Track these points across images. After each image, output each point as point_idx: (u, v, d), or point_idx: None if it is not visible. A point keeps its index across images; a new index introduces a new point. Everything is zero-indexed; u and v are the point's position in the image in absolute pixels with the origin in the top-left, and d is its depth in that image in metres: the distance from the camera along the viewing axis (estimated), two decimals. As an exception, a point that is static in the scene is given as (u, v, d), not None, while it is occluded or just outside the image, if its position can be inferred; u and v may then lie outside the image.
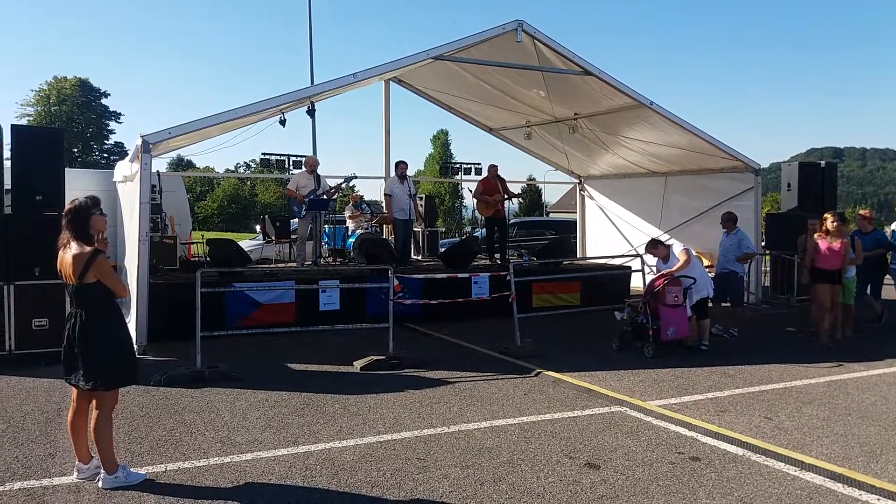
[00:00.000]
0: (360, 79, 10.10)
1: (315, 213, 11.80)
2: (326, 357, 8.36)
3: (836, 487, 4.64)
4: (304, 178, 11.84)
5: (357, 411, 6.25)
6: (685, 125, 12.13)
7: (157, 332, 8.68)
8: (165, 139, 9.02)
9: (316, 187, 11.75)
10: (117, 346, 4.64)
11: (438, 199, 44.97)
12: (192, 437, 5.52)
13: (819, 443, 5.47)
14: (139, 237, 8.65)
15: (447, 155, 54.87)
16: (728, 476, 4.80)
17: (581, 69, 11.32)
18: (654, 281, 8.67)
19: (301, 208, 11.68)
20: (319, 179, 11.94)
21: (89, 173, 16.01)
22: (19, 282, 7.86)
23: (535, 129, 14.86)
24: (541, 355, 8.40)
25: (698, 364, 8.10)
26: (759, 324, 10.93)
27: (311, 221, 11.89)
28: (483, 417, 6.09)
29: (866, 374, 7.68)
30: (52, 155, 8.30)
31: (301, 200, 11.59)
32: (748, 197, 13.08)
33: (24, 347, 7.88)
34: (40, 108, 61.43)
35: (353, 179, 12.76)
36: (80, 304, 4.55)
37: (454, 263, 11.90)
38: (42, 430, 5.71)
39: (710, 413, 6.23)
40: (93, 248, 4.51)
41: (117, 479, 4.55)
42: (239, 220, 64.62)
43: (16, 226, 7.94)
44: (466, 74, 13.05)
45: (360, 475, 4.78)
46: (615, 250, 15.00)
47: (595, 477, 4.77)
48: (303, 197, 11.58)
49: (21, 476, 4.73)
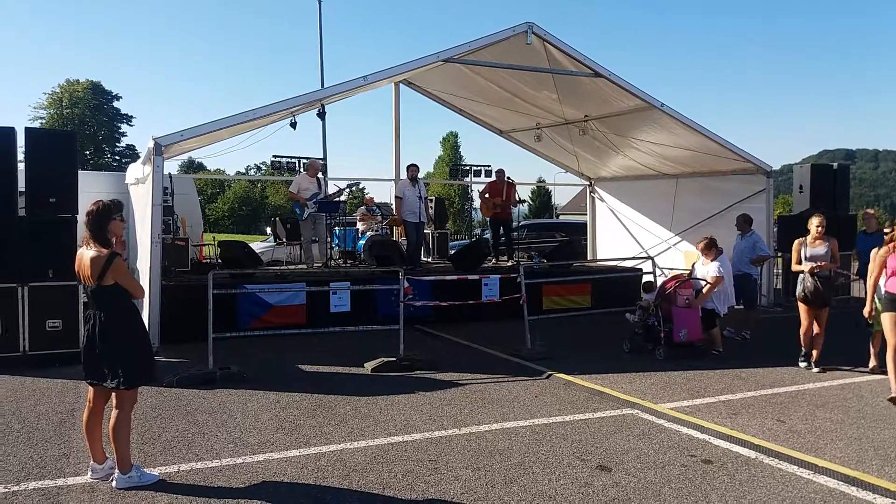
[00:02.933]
0: (370, 81, 10.12)
1: (317, 216, 11.90)
2: (337, 359, 8.38)
3: (850, 491, 4.60)
4: (305, 181, 11.96)
5: (368, 413, 6.26)
6: (696, 127, 12.08)
7: (169, 333, 8.73)
8: (177, 141, 9.08)
9: (318, 191, 11.85)
10: (138, 345, 4.70)
11: (448, 201, 44.95)
12: (205, 438, 5.55)
13: (832, 446, 5.43)
14: (151, 239, 8.71)
15: (457, 157, 54.85)
16: (740, 479, 4.77)
17: (591, 71, 11.30)
18: (666, 283, 8.64)
19: (303, 211, 11.77)
20: (321, 183, 12.04)
21: (102, 176, 16.13)
22: (33, 283, 7.93)
23: (546, 132, 14.84)
24: (551, 357, 8.39)
25: (710, 366, 8.06)
26: (772, 326, 10.86)
27: (314, 224, 11.98)
28: (494, 419, 6.09)
29: (880, 378, 7.61)
30: (65, 158, 8.36)
31: (303, 203, 11.68)
32: (760, 199, 13.00)
33: (38, 348, 7.94)
34: (53, 110, 61.89)
35: (354, 187, 12.93)
36: (98, 305, 4.60)
37: (464, 265, 11.91)
38: (56, 430, 5.75)
39: (723, 416, 6.20)
40: (110, 250, 4.55)
41: (131, 479, 4.58)
42: (250, 223, 64.94)
43: (30, 228, 8.01)
44: (476, 77, 13.06)
45: (372, 476, 4.79)
46: (626, 252, 14.94)
47: (607, 479, 4.76)
48: (304, 200, 11.67)
49: (36, 476, 4.76)
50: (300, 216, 11.94)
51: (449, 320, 10.63)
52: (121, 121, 67.24)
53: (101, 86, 64.85)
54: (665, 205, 14.93)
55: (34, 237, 7.96)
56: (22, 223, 8.05)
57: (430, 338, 9.99)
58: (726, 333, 9.45)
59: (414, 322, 10.09)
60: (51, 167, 8.17)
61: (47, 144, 8.45)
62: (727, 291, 8.85)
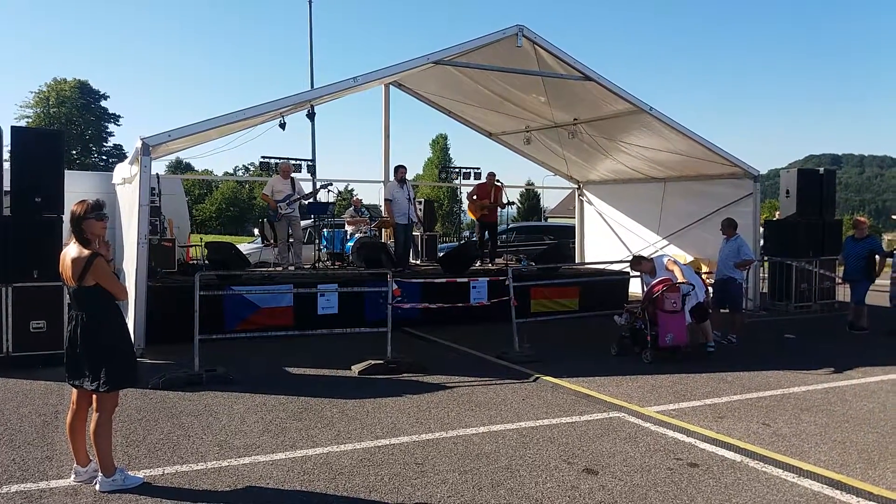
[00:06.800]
0: (360, 83, 10.11)
1: (292, 217, 12.04)
2: (324, 361, 8.35)
3: (834, 494, 4.63)
4: (279, 183, 12.07)
5: (355, 416, 6.24)
6: (684, 131, 12.16)
7: (155, 334, 8.68)
8: (165, 142, 9.03)
9: (292, 192, 11.97)
10: (120, 347, 4.65)
11: (437, 203, 44.93)
12: (190, 441, 5.51)
13: (817, 449, 5.47)
14: (138, 239, 8.65)
15: (446, 159, 54.83)
16: (726, 482, 4.79)
17: (581, 74, 11.35)
18: (653, 287, 8.67)
19: (275, 213, 11.93)
20: (295, 184, 12.11)
21: (88, 175, 15.98)
22: (17, 283, 7.86)
23: (535, 134, 14.89)
24: (539, 360, 8.39)
25: (696, 370, 8.10)
26: (758, 330, 10.93)
27: (289, 224, 12.08)
28: (481, 422, 6.09)
29: (864, 381, 7.68)
30: (51, 157, 8.29)
31: (273, 206, 11.87)
32: (747, 203, 13.10)
33: (22, 350, 7.86)
34: (40, 109, 61.31)
35: (328, 186, 12.98)
36: (80, 306, 4.55)
37: (453, 268, 11.91)
38: (39, 432, 5.69)
39: (709, 419, 6.23)
40: (91, 251, 4.51)
41: (115, 482, 4.54)
42: (237, 224, 64.58)
43: (15, 227, 7.93)
44: (466, 79, 13.08)
45: (358, 480, 4.78)
46: (614, 256, 15.02)
47: (593, 483, 4.76)
48: (275, 202, 11.82)
49: (18, 479, 4.71)
50: (273, 217, 12.09)
51: (437, 323, 10.63)
52: (108, 120, 66.69)
53: (89, 85, 64.32)
54: (653, 208, 15.01)
55: (19, 237, 7.89)
56: (7, 223, 7.97)
57: (417, 340, 9.98)
58: (713, 337, 9.48)
59: (402, 324, 10.08)
60: (37, 166, 8.10)
61: (33, 143, 8.37)
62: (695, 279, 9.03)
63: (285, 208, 11.87)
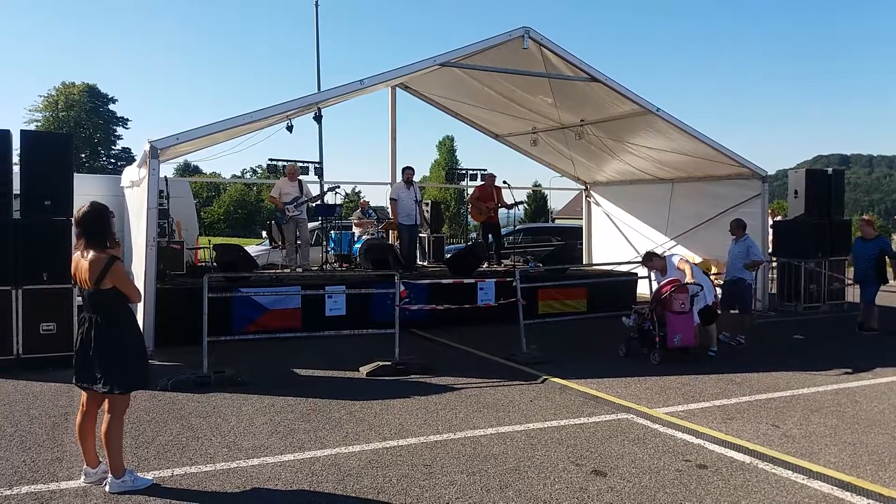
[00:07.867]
0: (366, 85, 10.13)
1: (300, 219, 12.08)
2: (332, 362, 8.36)
3: (845, 496, 4.61)
4: (286, 185, 12.12)
5: (363, 417, 6.25)
6: (692, 132, 12.11)
7: (164, 336, 8.72)
8: (173, 145, 9.07)
9: (299, 195, 12.01)
10: (133, 349, 4.68)
11: (444, 205, 44.93)
12: (199, 443, 5.53)
13: (827, 451, 5.44)
14: (147, 242, 8.70)
15: (453, 161, 54.78)
16: (735, 484, 4.78)
17: (588, 76, 11.33)
18: (662, 288, 8.65)
19: (283, 215, 11.96)
20: (302, 186, 12.14)
21: (97, 178, 16.10)
22: (28, 286, 7.91)
23: (542, 136, 14.87)
24: (547, 362, 8.38)
25: (705, 371, 8.07)
26: (767, 331, 10.89)
27: (297, 226, 12.12)
28: (489, 424, 6.09)
29: (875, 383, 7.64)
30: (60, 160, 8.33)
31: (280, 208, 11.91)
32: (755, 204, 13.04)
33: (32, 351, 7.91)
34: (48, 113, 61.65)
35: (336, 188, 13.04)
36: (95, 309, 4.58)
37: (460, 269, 11.90)
38: (49, 434, 5.72)
39: (718, 420, 6.21)
40: (109, 254, 4.54)
41: (124, 484, 4.56)
42: (245, 226, 64.73)
43: (24, 230, 7.98)
44: (473, 81, 13.07)
45: (366, 481, 4.78)
46: (621, 257, 14.96)
47: (602, 484, 4.75)
48: (282, 204, 11.86)
49: (29, 480, 4.74)
50: (281, 220, 12.12)
51: (444, 324, 10.62)
52: (117, 124, 67.02)
53: (97, 89, 64.66)
54: (661, 209, 14.97)
55: (29, 240, 7.94)
56: (17, 226, 8.02)
57: (425, 342, 9.98)
58: (721, 338, 9.45)
59: (409, 326, 10.07)
60: (46, 170, 8.15)
61: (43, 147, 8.44)
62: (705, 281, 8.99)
63: (293, 210, 11.93)
